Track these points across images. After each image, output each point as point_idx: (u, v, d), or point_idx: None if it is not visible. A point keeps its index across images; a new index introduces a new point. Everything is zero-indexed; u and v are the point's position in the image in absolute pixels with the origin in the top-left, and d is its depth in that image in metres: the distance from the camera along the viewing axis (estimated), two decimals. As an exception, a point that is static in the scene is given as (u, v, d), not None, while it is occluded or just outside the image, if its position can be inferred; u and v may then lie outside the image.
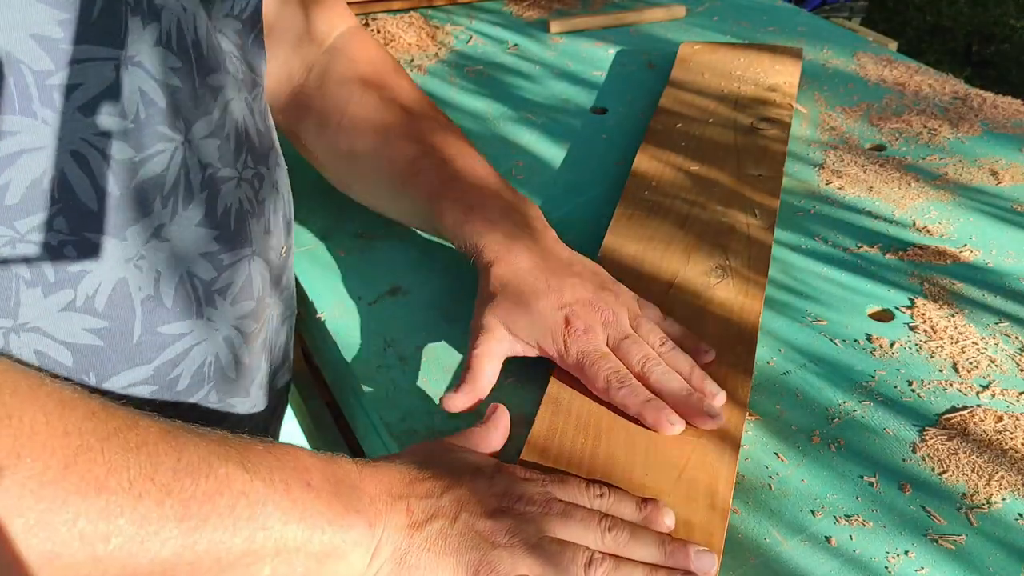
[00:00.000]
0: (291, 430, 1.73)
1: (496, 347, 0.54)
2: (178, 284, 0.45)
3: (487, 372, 0.53)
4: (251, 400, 0.53)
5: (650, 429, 0.50)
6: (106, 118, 0.40)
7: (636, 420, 0.50)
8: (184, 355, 0.46)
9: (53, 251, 0.40)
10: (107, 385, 0.44)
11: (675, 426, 0.49)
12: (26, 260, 0.39)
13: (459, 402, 0.51)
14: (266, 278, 0.52)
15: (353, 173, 0.68)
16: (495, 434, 0.49)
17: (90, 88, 0.39)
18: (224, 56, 0.49)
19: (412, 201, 0.63)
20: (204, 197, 0.46)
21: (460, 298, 0.63)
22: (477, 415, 0.53)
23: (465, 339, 0.59)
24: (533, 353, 0.54)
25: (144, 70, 0.42)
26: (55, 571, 0.33)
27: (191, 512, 0.36)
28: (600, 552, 0.42)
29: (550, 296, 0.54)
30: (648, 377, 0.51)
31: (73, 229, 0.40)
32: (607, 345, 0.53)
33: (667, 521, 0.44)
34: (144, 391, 0.45)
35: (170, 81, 0.43)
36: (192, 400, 0.48)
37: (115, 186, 0.41)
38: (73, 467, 0.34)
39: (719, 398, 0.51)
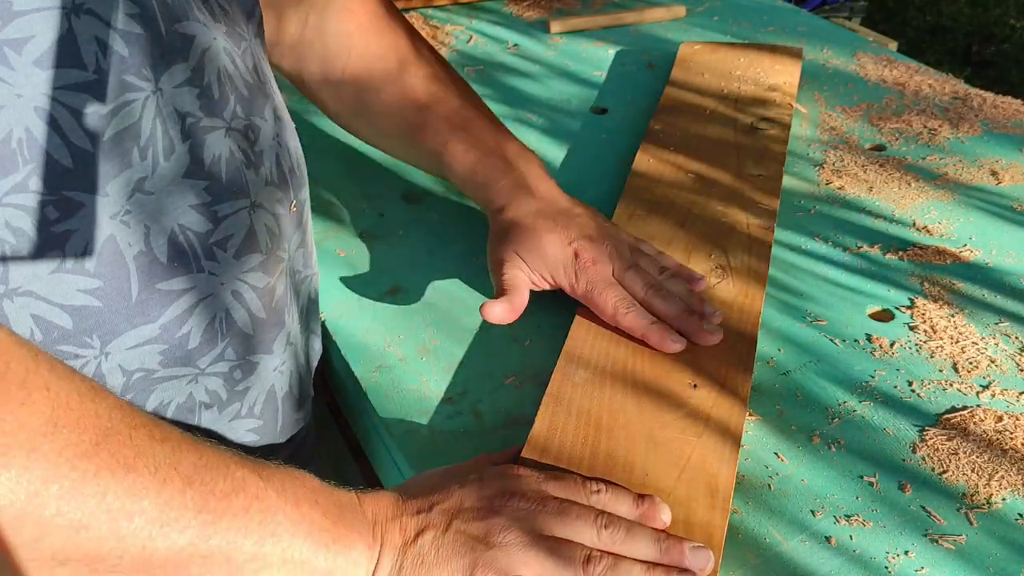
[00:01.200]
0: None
1: (519, 275, 0.58)
2: (170, 238, 0.44)
3: (521, 292, 0.57)
4: (278, 357, 0.52)
5: (655, 348, 0.55)
6: (65, 71, 0.39)
7: (637, 418, 0.50)
8: (190, 311, 0.46)
9: (33, 213, 0.39)
10: (113, 346, 0.43)
11: (677, 344, 0.55)
12: (7, 224, 0.39)
13: (498, 312, 0.56)
14: (275, 231, 0.51)
15: (360, 120, 0.71)
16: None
17: (42, 40, 0.38)
18: (195, 4, 0.47)
19: (420, 149, 0.67)
20: (187, 147, 0.45)
21: (460, 298, 0.63)
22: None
23: (466, 337, 0.59)
24: (547, 285, 0.59)
25: (96, 17, 0.40)
26: (80, 542, 0.34)
27: (209, 506, 0.37)
28: (598, 549, 0.42)
29: (559, 233, 0.59)
30: (652, 302, 0.57)
31: (51, 189, 0.40)
32: (612, 275, 0.58)
33: (663, 517, 0.44)
34: (154, 350, 0.45)
35: (129, 28, 0.41)
36: (208, 357, 0.48)
37: (87, 141, 0.40)
38: (104, 445, 0.34)
39: (716, 316, 0.57)
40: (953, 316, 0.60)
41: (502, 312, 0.55)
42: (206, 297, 0.46)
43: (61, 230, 0.40)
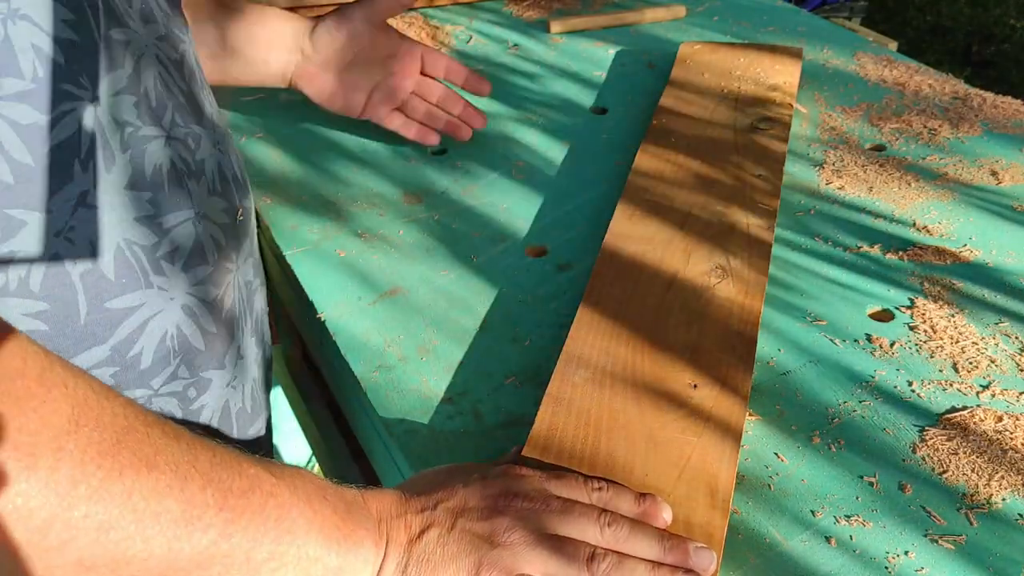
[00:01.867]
0: (291, 430, 1.72)
1: None
2: (117, 253, 0.43)
3: None
4: (229, 372, 0.52)
5: None
6: (4, 79, 0.38)
7: (637, 417, 0.50)
8: (140, 330, 0.45)
9: None
10: None
11: None
12: None
13: None
14: (220, 242, 0.50)
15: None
16: None
17: None
18: (131, 11, 0.46)
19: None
20: (128, 158, 0.43)
21: (460, 298, 0.63)
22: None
23: (466, 337, 0.59)
24: None
25: (32, 23, 0.38)
26: (107, 544, 0.33)
27: (229, 503, 0.36)
28: (601, 547, 0.42)
29: None
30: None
31: None
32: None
33: (665, 516, 0.44)
34: (105, 373, 0.44)
35: (64, 35, 0.40)
36: (161, 377, 0.46)
37: (27, 155, 0.38)
38: (124, 443, 0.34)
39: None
40: (953, 316, 0.60)
41: None
42: (157, 314, 0.45)
43: (5, 251, 0.39)
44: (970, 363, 0.56)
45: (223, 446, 0.39)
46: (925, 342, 0.58)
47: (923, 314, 0.60)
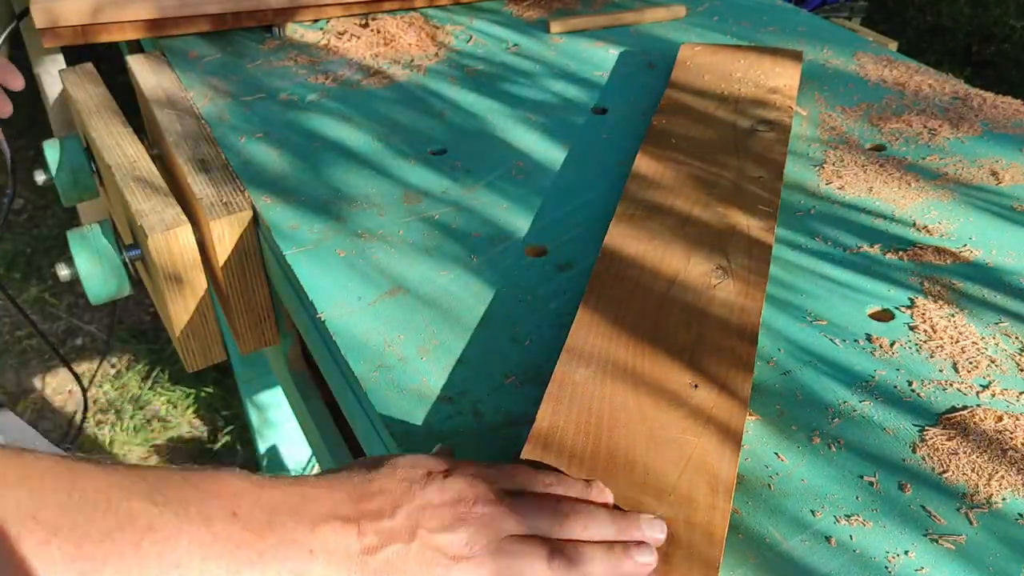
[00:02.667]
0: (291, 430, 1.72)
1: None
2: None
3: None
4: None
5: None
6: None
7: (638, 417, 0.50)
8: None
9: None
10: None
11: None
12: None
13: None
14: None
15: None
16: None
17: None
18: None
19: None
20: None
21: (460, 298, 0.63)
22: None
23: (465, 337, 0.59)
24: None
25: None
26: None
27: (85, 552, 0.32)
28: (560, 540, 0.42)
29: None
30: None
31: None
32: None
33: (608, 496, 0.46)
34: None
35: None
36: None
37: None
38: None
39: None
40: (953, 316, 0.60)
41: None
42: None
43: None
44: (970, 363, 0.56)
45: (94, 476, 0.35)
46: (925, 342, 0.58)
47: (923, 314, 0.60)
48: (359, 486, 0.41)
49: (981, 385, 0.55)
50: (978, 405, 0.53)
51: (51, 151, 0.94)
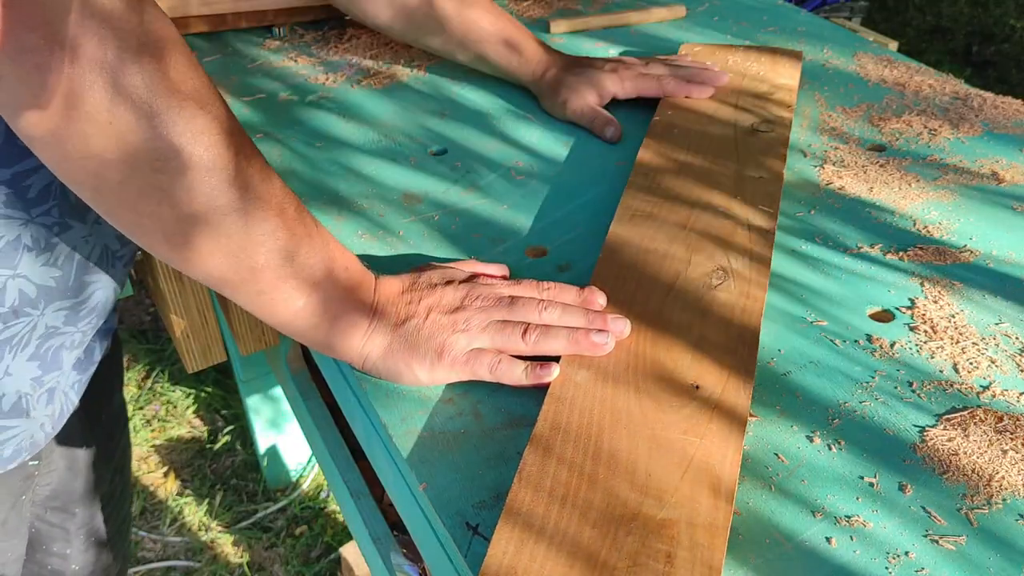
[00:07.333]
0: (292, 430, 1.72)
1: (598, 107, 0.84)
2: None
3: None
4: (86, 228, 0.59)
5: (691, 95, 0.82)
6: None
7: (639, 418, 0.50)
8: (36, 169, 0.54)
9: None
10: None
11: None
12: None
13: (613, 132, 0.82)
14: None
15: (409, 29, 0.90)
16: None
17: None
18: None
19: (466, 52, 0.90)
20: None
21: (460, 298, 0.63)
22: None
23: (465, 339, 0.59)
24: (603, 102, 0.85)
25: None
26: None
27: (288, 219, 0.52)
28: (535, 324, 0.55)
29: (595, 65, 0.87)
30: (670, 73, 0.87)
31: None
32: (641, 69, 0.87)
33: (600, 301, 0.58)
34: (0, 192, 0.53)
35: None
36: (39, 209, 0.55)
37: None
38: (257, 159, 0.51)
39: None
40: (953, 316, 0.60)
41: (617, 130, 0.81)
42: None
43: None
44: (970, 363, 0.56)
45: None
46: (925, 342, 0.58)
47: (923, 314, 0.60)
48: (406, 283, 0.58)
49: (981, 386, 0.55)
50: (978, 406, 0.53)
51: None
